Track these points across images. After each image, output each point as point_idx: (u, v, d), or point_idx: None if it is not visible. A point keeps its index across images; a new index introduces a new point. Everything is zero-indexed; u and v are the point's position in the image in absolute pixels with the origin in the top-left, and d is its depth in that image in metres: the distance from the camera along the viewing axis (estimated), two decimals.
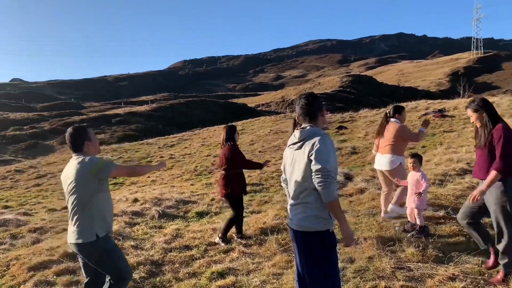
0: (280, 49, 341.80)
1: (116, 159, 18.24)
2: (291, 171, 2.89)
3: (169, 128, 37.83)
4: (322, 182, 2.60)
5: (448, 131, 14.05)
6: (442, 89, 77.74)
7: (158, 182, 12.36)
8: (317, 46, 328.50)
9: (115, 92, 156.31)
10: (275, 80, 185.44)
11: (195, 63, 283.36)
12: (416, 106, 20.48)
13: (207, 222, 6.63)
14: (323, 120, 2.96)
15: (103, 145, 26.05)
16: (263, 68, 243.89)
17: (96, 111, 58.11)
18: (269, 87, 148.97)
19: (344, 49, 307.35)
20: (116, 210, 7.68)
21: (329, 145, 2.70)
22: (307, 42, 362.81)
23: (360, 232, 5.15)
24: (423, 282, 3.73)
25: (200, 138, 22.70)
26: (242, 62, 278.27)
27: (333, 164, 2.67)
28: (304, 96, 2.94)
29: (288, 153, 2.97)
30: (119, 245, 5.47)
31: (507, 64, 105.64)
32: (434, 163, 8.69)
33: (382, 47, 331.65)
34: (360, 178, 8.43)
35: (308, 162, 2.70)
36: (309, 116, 2.87)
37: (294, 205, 2.84)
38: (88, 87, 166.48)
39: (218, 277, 4.31)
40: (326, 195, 2.62)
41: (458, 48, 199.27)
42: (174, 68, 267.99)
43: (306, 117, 2.88)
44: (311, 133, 2.78)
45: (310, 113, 2.87)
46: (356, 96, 59.54)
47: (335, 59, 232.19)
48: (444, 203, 6.04)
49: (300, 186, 2.78)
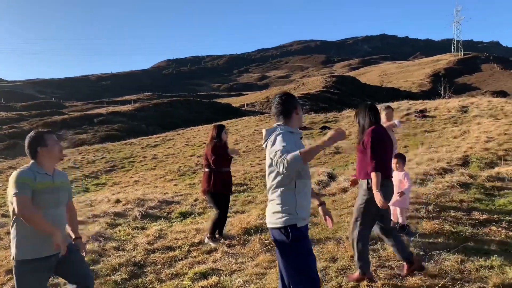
0: (264, 49, 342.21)
1: (98, 159, 17.99)
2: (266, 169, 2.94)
3: (153, 128, 37.47)
4: (281, 160, 2.49)
5: (429, 131, 14.28)
6: (424, 89, 78.97)
7: (141, 183, 12.23)
8: (301, 47, 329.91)
9: (97, 92, 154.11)
10: (259, 80, 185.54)
11: (179, 62, 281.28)
12: (399, 106, 20.75)
13: (191, 223, 6.59)
14: (298, 119, 2.92)
15: (85, 145, 25.68)
16: (247, 68, 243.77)
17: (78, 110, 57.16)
18: (254, 87, 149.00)
19: (328, 50, 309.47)
20: (98, 211, 7.57)
21: (286, 136, 2.67)
22: (292, 42, 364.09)
23: (342, 231, 5.19)
24: (404, 281, 3.78)
25: (184, 138, 22.55)
26: (227, 62, 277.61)
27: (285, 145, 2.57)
28: (278, 95, 2.94)
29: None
30: (101, 247, 5.40)
31: (486, 66, 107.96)
32: (415, 163, 8.82)
33: (365, 48, 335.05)
34: (343, 178, 8.50)
35: (270, 160, 2.72)
36: (283, 115, 2.87)
37: (268, 202, 2.90)
38: (70, 86, 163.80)
39: (201, 277, 4.29)
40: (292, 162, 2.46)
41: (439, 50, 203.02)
42: (157, 67, 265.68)
43: (280, 116, 2.88)
44: (272, 131, 2.80)
45: (284, 112, 2.87)
46: (339, 97, 59.97)
47: (319, 59, 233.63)
48: (425, 202, 6.13)
49: (268, 183, 2.84)
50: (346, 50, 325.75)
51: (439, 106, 18.66)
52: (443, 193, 6.41)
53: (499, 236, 4.73)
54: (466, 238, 4.69)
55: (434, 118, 16.43)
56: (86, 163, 17.16)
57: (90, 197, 9.89)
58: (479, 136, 11.07)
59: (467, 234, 4.82)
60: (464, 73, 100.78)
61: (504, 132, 10.96)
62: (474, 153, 8.86)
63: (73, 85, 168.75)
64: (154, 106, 47.51)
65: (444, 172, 7.67)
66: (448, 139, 12.18)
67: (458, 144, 10.57)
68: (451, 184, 6.78)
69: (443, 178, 7.23)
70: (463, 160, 8.42)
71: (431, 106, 19.02)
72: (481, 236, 4.77)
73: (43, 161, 2.91)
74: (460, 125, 14.45)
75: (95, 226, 6.48)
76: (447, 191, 6.50)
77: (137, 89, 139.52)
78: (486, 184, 6.77)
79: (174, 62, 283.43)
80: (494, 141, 10.04)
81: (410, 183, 5.06)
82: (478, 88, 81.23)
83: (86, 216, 7.22)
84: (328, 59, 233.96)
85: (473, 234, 4.82)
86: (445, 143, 11.41)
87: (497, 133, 11.01)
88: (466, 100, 19.81)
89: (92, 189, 12.43)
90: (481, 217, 5.31)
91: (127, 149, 20.49)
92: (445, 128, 14.32)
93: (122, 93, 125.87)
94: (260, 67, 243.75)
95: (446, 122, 15.47)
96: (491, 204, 5.92)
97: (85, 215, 7.32)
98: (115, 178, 14.06)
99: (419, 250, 4.36)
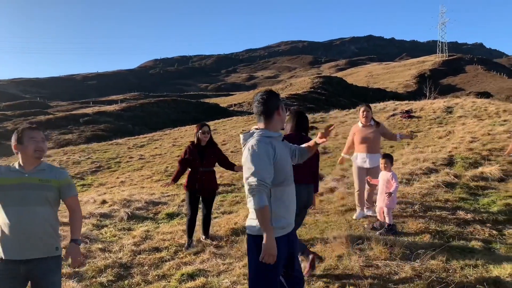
0: (252, 50, 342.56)
1: (84, 160, 17.76)
2: None
3: (139, 128, 37.16)
4: (248, 191, 2.55)
5: (415, 131, 14.43)
6: (409, 90, 79.86)
7: (127, 183, 12.11)
8: (289, 47, 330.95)
9: (83, 91, 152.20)
10: (247, 81, 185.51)
11: (166, 62, 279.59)
12: (385, 107, 20.96)
13: (178, 224, 6.54)
14: (280, 120, 2.79)
15: (70, 146, 25.34)
16: (235, 68, 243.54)
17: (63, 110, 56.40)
18: (242, 87, 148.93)
19: (315, 51, 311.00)
20: (83, 212, 7.45)
21: (261, 151, 2.58)
22: (279, 43, 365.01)
23: (330, 231, 5.21)
24: (391, 280, 3.81)
25: (171, 138, 22.41)
26: (214, 62, 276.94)
27: (259, 171, 2.53)
28: (260, 93, 2.81)
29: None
30: (86, 248, 5.33)
31: (470, 67, 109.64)
32: (401, 163, 8.91)
33: (352, 49, 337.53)
34: (330, 178, 8.55)
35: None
36: (264, 115, 2.74)
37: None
38: (55, 86, 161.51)
39: (188, 278, 4.27)
40: (251, 203, 2.53)
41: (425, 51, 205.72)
42: (144, 67, 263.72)
43: (261, 116, 2.75)
44: (248, 137, 2.72)
45: (265, 111, 2.74)
46: (326, 97, 60.29)
47: (307, 60, 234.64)
48: (411, 201, 6.20)
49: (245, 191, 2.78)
50: (333, 51, 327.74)
51: (424, 107, 18.89)
52: (429, 193, 6.49)
53: (483, 235, 4.80)
54: (451, 237, 4.76)
55: (419, 119, 16.62)
56: (72, 164, 16.93)
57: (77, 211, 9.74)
58: (464, 136, 11.23)
59: (452, 233, 4.88)
60: (449, 74, 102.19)
61: (488, 132, 11.14)
62: (458, 153, 8.99)
63: (58, 85, 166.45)
64: (141, 106, 47.13)
65: (429, 172, 7.76)
66: (433, 139, 12.34)
67: (443, 144, 10.71)
68: (436, 183, 6.87)
69: (428, 178, 7.32)
70: (448, 160, 8.53)
71: (417, 107, 19.23)
72: (466, 235, 4.83)
73: (20, 157, 2.84)
74: (445, 125, 14.64)
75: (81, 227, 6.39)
76: (433, 191, 6.59)
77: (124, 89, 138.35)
78: (470, 184, 6.87)
79: (161, 62, 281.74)
80: (478, 141, 10.20)
81: (397, 183, 5.12)
82: (462, 89, 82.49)
83: None
84: (316, 59, 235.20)
85: (458, 233, 4.88)
86: (431, 143, 11.55)
87: (481, 133, 11.19)
88: (451, 101, 20.08)
89: (78, 190, 12.25)
90: (465, 217, 5.38)
91: (113, 150, 20.27)
92: (430, 128, 14.50)
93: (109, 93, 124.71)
94: (248, 67, 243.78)
95: (432, 122, 15.66)
96: (475, 204, 6.01)
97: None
98: (101, 178, 13.91)
99: (405, 249, 4.40)
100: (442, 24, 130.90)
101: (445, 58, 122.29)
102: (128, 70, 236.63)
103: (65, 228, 6.47)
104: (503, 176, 7.17)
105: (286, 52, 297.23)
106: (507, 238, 4.71)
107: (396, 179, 5.14)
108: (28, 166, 2.82)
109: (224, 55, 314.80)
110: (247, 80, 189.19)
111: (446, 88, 75.80)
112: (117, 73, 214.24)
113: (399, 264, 4.05)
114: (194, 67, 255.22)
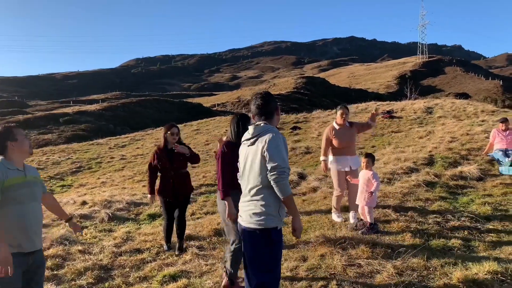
0: (235, 50, 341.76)
1: (64, 160, 17.42)
2: (243, 167, 2.92)
3: (121, 128, 36.66)
4: (278, 179, 2.66)
5: (396, 131, 14.63)
6: (391, 91, 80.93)
7: (108, 184, 11.93)
8: (272, 48, 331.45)
9: (63, 90, 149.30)
10: (230, 80, 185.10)
11: (148, 61, 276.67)
12: (366, 107, 21.17)
13: (160, 225, 6.46)
14: (278, 120, 3.00)
15: (49, 146, 24.82)
16: (218, 68, 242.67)
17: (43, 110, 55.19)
18: (225, 87, 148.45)
19: (298, 51, 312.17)
20: None
21: (282, 142, 2.75)
22: (263, 43, 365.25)
23: (312, 230, 5.23)
24: (373, 278, 3.84)
25: (153, 138, 22.18)
26: (197, 62, 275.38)
27: (286, 160, 2.72)
28: (260, 95, 2.94)
29: (242, 148, 3.00)
30: (65, 250, 5.22)
31: (449, 69, 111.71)
32: (382, 162, 9.00)
33: (335, 50, 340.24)
34: (313, 177, 8.58)
35: (262, 159, 2.73)
36: (265, 115, 2.90)
37: (245, 202, 2.86)
38: (34, 85, 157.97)
39: (170, 280, 4.22)
40: (282, 191, 2.67)
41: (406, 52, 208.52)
42: (126, 66, 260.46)
43: (261, 116, 2.90)
44: (264, 130, 2.81)
45: (266, 112, 2.90)
46: (309, 97, 60.63)
47: (290, 60, 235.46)
48: (392, 200, 6.27)
49: (251, 183, 2.81)
50: (316, 51, 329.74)
51: (405, 107, 19.15)
52: (410, 192, 6.58)
53: (462, 234, 4.89)
54: (432, 235, 4.82)
55: (400, 119, 16.84)
56: (51, 164, 16.58)
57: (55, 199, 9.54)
58: (443, 136, 11.42)
59: (432, 231, 4.95)
60: (429, 75, 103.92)
61: (467, 132, 11.36)
62: (438, 153, 9.14)
63: (37, 84, 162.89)
64: (122, 106, 46.49)
65: (410, 171, 7.87)
66: (414, 139, 12.51)
67: (423, 144, 10.87)
68: (417, 183, 6.96)
69: (409, 177, 7.42)
70: (429, 159, 8.66)
71: (398, 107, 19.49)
72: (446, 233, 4.91)
73: (12, 156, 2.87)
74: (426, 125, 14.87)
75: (60, 229, 6.26)
76: (414, 190, 6.68)
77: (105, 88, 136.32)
78: (450, 183, 7.00)
79: (144, 61, 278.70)
80: (457, 141, 10.39)
81: (378, 182, 5.16)
82: (442, 90, 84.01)
83: (50, 218, 6.97)
84: (299, 60, 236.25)
85: (438, 231, 4.96)
86: (411, 143, 11.71)
87: (460, 133, 11.40)
88: (431, 102, 20.43)
89: (57, 191, 12.02)
90: (445, 215, 5.47)
91: (94, 150, 19.95)
92: (411, 128, 14.70)
93: (89, 92, 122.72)
94: (231, 67, 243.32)
95: (412, 122, 15.89)
96: (455, 202, 6.11)
97: (49, 217, 7.06)
98: (81, 179, 13.66)
99: (387, 247, 4.44)
100: (422, 26, 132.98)
101: (425, 60, 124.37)
102: (110, 69, 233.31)
103: (43, 229, 6.34)
104: (481, 175, 7.32)
105: (269, 53, 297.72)
106: (485, 236, 4.80)
107: (377, 178, 5.18)
108: (20, 164, 2.92)
109: (207, 55, 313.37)
110: (231, 80, 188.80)
111: (426, 89, 77.12)
112: (98, 72, 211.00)
113: (381, 263, 4.08)
114: (176, 66, 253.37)
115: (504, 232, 4.91)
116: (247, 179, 2.85)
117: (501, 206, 5.83)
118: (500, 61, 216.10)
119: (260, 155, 2.73)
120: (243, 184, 2.94)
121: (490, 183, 7.01)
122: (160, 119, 40.09)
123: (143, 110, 46.19)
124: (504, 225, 5.12)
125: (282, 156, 2.69)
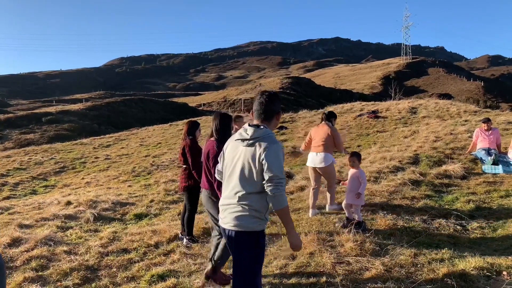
0: (221, 49, 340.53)
1: (47, 160, 17.11)
2: (232, 166, 2.78)
3: (105, 127, 36.20)
4: (275, 190, 2.59)
5: (381, 131, 14.78)
6: (375, 92, 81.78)
7: (93, 184, 11.76)
8: (258, 48, 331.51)
9: (45, 90, 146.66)
10: (216, 80, 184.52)
11: (133, 60, 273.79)
12: (352, 107, 21.35)
13: (147, 224, 6.40)
14: (276, 124, 2.90)
15: (32, 146, 24.35)
16: (204, 67, 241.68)
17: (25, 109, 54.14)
18: (211, 87, 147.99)
19: (284, 52, 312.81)
20: (47, 213, 7.19)
21: (281, 152, 2.69)
22: (248, 43, 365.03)
23: (301, 229, 5.24)
24: (362, 275, 3.86)
25: (138, 138, 21.97)
26: (183, 61, 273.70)
27: (283, 170, 2.68)
28: (268, 93, 2.85)
29: (232, 146, 2.85)
30: (50, 251, 5.12)
31: (432, 70, 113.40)
32: (368, 161, 9.08)
33: (320, 50, 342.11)
34: (300, 176, 8.60)
35: (259, 165, 2.63)
36: (265, 114, 2.80)
37: (231, 204, 2.74)
38: (15, 84, 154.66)
39: (159, 279, 4.17)
40: (278, 203, 2.61)
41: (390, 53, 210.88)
42: (110, 65, 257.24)
43: (262, 114, 2.80)
44: (265, 134, 2.70)
45: (268, 111, 2.80)
46: (295, 98, 60.79)
47: (276, 61, 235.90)
48: (379, 199, 6.33)
49: (240, 187, 2.70)
50: (301, 52, 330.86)
51: (390, 107, 19.37)
52: (396, 190, 6.65)
53: (448, 230, 4.96)
54: (418, 233, 4.89)
55: (385, 119, 17.03)
56: (34, 164, 16.27)
57: (38, 199, 9.37)
58: (428, 136, 11.58)
59: (419, 229, 5.02)
60: (412, 76, 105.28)
61: (450, 132, 11.54)
62: (423, 152, 9.26)
63: (19, 82, 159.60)
64: (106, 105, 45.90)
65: (396, 170, 7.96)
66: (399, 138, 12.66)
67: (408, 144, 11.00)
68: (403, 181, 7.04)
69: (395, 176, 7.50)
70: (414, 158, 8.77)
71: (382, 107, 19.70)
72: (432, 230, 4.98)
73: None
74: (410, 125, 15.06)
75: (44, 229, 6.15)
76: (400, 188, 6.75)
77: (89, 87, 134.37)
78: (435, 181, 7.10)
79: (128, 60, 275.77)
80: (441, 140, 10.54)
81: (364, 181, 5.20)
82: (425, 90, 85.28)
83: (34, 219, 6.84)
84: (284, 60, 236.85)
85: (425, 228, 5.02)
86: (397, 142, 11.84)
87: (444, 133, 11.57)
88: (415, 102, 20.71)
89: (41, 192, 11.81)
90: (431, 213, 5.55)
91: (78, 150, 19.65)
92: (396, 128, 14.88)
93: (73, 91, 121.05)
94: (217, 67, 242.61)
95: (397, 122, 16.08)
96: (440, 200, 6.21)
97: (33, 218, 6.93)
98: (65, 179, 13.44)
99: (375, 245, 4.48)
100: (406, 28, 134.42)
101: (409, 61, 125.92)
102: (94, 68, 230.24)
103: (26, 230, 6.21)
104: (465, 173, 7.46)
105: (255, 53, 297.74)
106: (470, 233, 4.89)
107: (364, 177, 5.23)
108: None
109: (192, 54, 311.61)
110: (216, 79, 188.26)
111: (410, 90, 78.13)
112: (82, 71, 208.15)
113: (370, 260, 4.11)
114: (161, 66, 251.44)
115: (488, 229, 5.01)
116: (235, 180, 2.72)
117: (484, 203, 5.94)
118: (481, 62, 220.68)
119: (258, 161, 2.62)
120: (227, 182, 2.80)
121: (473, 181, 7.14)
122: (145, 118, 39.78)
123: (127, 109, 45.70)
124: (488, 222, 5.22)
125: (280, 167, 2.62)
